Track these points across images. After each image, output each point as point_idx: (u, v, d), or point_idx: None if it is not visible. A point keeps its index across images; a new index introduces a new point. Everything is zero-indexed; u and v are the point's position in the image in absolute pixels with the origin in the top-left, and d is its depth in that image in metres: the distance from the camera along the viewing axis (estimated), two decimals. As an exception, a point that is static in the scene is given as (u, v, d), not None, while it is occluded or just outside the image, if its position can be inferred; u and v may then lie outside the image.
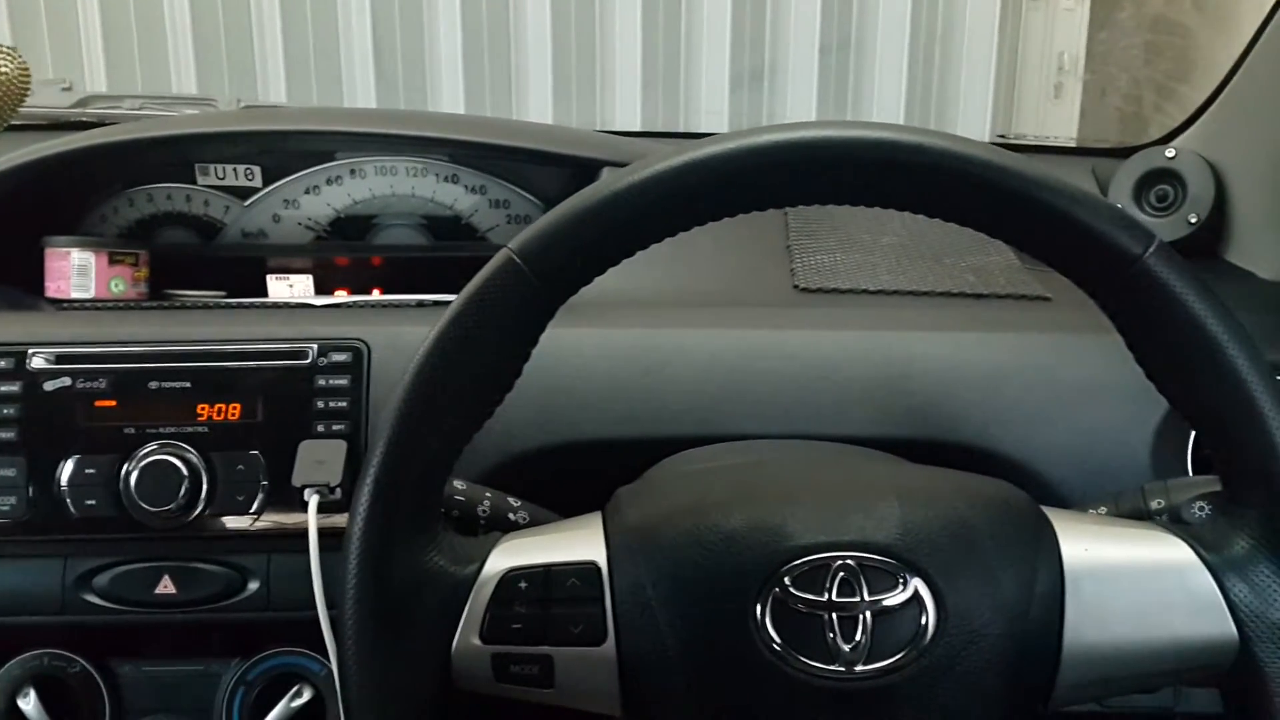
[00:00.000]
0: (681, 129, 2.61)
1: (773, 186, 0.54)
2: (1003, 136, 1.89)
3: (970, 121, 2.59)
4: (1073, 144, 1.86)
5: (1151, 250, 0.52)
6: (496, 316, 0.54)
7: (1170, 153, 1.00)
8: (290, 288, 1.03)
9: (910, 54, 2.55)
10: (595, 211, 0.54)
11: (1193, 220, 0.98)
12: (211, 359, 0.77)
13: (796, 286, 0.89)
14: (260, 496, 0.76)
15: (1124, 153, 1.05)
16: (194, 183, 1.02)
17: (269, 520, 0.76)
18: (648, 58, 2.52)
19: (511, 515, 0.67)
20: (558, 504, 0.67)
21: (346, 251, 1.03)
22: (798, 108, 2.55)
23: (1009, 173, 0.52)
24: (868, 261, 0.94)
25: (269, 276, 1.03)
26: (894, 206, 0.55)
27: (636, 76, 2.53)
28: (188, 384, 0.77)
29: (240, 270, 1.02)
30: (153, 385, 0.77)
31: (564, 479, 0.72)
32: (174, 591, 0.77)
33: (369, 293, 1.03)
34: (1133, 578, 0.54)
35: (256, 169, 1.02)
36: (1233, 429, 0.54)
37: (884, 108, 2.57)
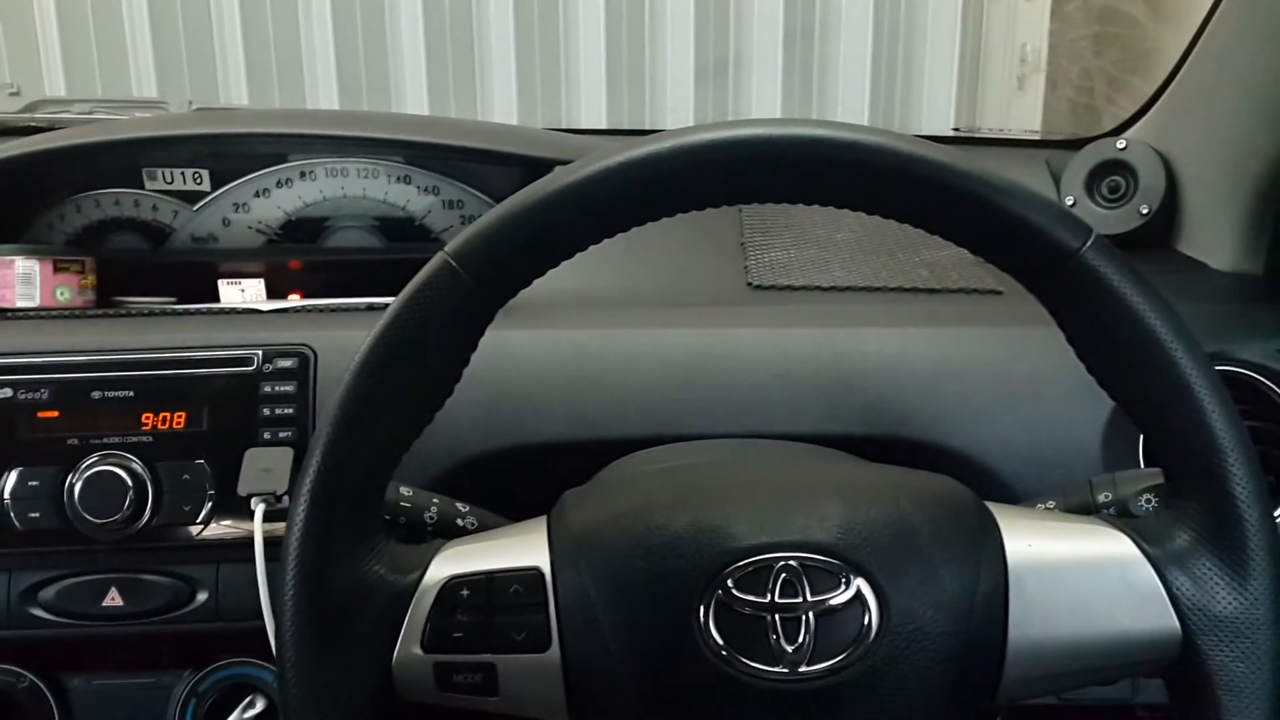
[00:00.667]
0: (648, 125, 2.60)
1: (707, 186, 0.53)
2: (957, 130, 1.89)
3: (935, 113, 2.59)
4: (1037, 136, 1.87)
5: (1089, 244, 0.52)
6: (433, 321, 0.54)
7: (1121, 144, 1.00)
8: (242, 292, 1.02)
9: (874, 45, 2.55)
10: (530, 214, 0.53)
11: (1144, 211, 0.99)
12: (155, 367, 0.76)
13: (750, 284, 0.89)
14: (207, 506, 0.75)
15: (1077, 144, 1.05)
16: (142, 187, 1.01)
17: (216, 530, 0.75)
18: (612, 54, 2.51)
19: (460, 521, 0.66)
20: (512, 508, 0.67)
21: (297, 255, 1.02)
22: (763, 101, 2.54)
23: (945, 168, 0.52)
24: (821, 258, 0.93)
25: (220, 281, 1.02)
26: (832, 204, 0.55)
27: (601, 73, 2.52)
28: (131, 393, 0.76)
29: (191, 276, 1.01)
30: (96, 395, 0.76)
31: (518, 482, 0.71)
32: (121, 603, 0.76)
33: (322, 296, 1.02)
34: (1075, 573, 0.54)
35: (204, 172, 1.00)
36: (1173, 422, 0.54)
37: (849, 100, 2.57)
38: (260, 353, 0.77)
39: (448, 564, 0.56)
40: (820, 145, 0.52)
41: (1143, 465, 0.78)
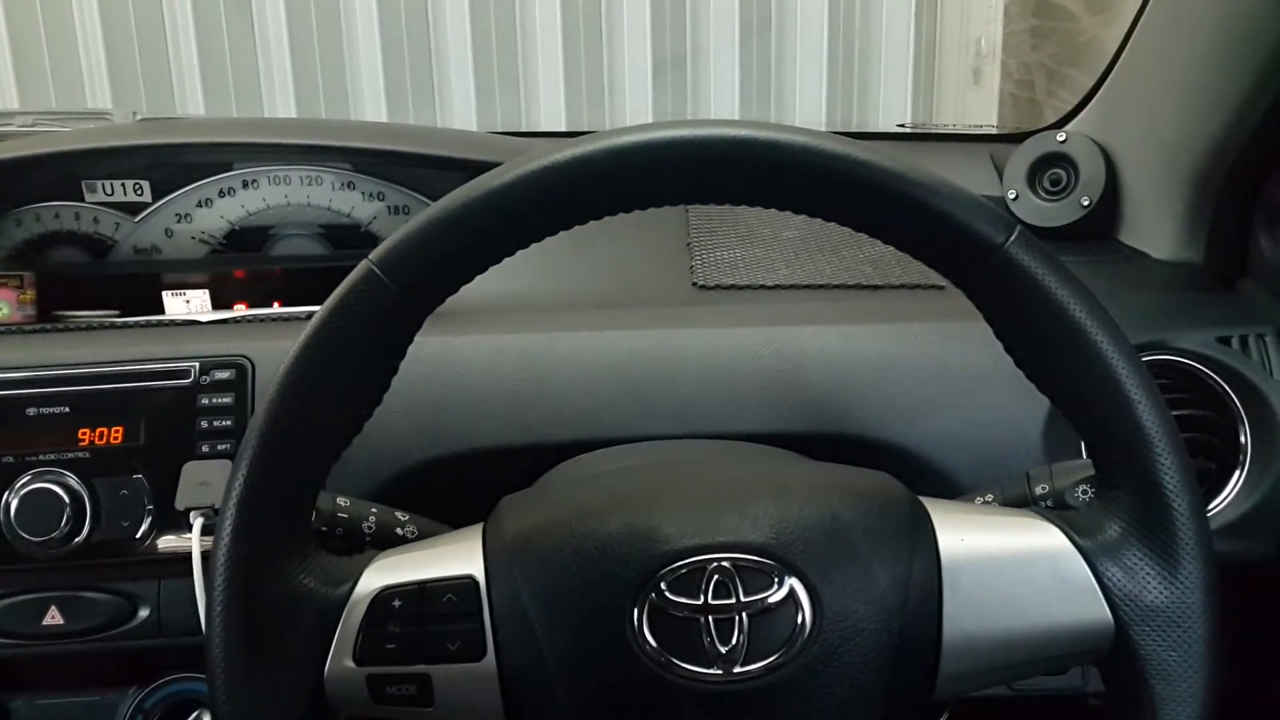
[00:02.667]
0: (607, 125, 2.59)
1: (633, 188, 0.53)
2: (902, 126, 1.90)
3: (892, 106, 2.60)
4: (993, 128, 1.88)
5: (1013, 239, 0.52)
6: (359, 330, 0.53)
7: (1061, 137, 1.01)
8: (187, 303, 1.01)
9: (830, 39, 2.56)
10: (456, 219, 0.53)
11: (1085, 203, 0.99)
12: (91, 382, 0.75)
13: (695, 284, 0.89)
14: (146, 521, 0.74)
15: (1020, 138, 1.06)
16: (82, 200, 1.00)
17: (156, 545, 0.74)
18: (569, 54, 2.51)
19: (399, 530, 0.66)
20: (457, 516, 0.66)
21: (240, 264, 1.01)
22: (720, 98, 2.55)
23: (868, 165, 0.52)
24: (767, 256, 0.93)
25: (164, 293, 1.01)
26: (760, 205, 0.55)
27: (559, 73, 2.52)
28: (67, 409, 0.75)
29: (134, 288, 0.99)
30: (31, 411, 0.75)
31: (463, 490, 0.71)
32: (62, 622, 0.75)
33: (269, 305, 1.01)
34: (1008, 566, 0.54)
35: (145, 183, 0.99)
36: (1100, 414, 0.54)
37: (806, 96, 2.58)
38: (197, 365, 0.76)
39: (380, 574, 0.55)
40: (743, 146, 0.52)
41: (1085, 457, 0.78)
